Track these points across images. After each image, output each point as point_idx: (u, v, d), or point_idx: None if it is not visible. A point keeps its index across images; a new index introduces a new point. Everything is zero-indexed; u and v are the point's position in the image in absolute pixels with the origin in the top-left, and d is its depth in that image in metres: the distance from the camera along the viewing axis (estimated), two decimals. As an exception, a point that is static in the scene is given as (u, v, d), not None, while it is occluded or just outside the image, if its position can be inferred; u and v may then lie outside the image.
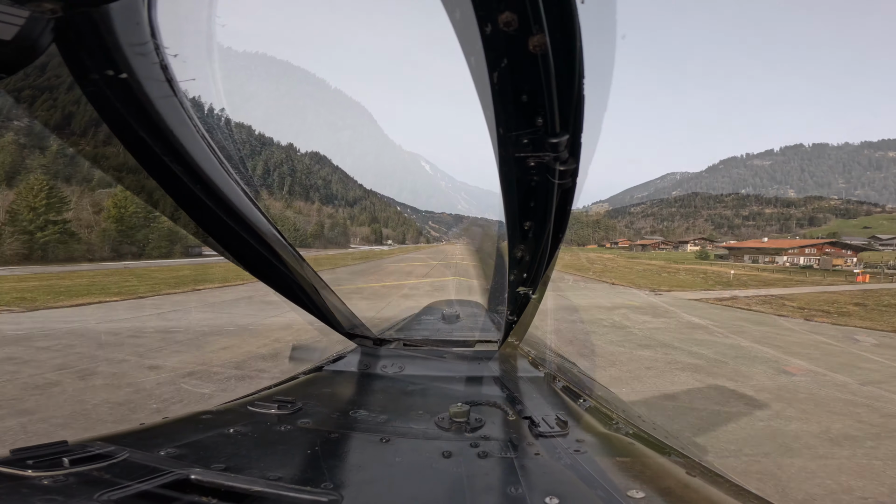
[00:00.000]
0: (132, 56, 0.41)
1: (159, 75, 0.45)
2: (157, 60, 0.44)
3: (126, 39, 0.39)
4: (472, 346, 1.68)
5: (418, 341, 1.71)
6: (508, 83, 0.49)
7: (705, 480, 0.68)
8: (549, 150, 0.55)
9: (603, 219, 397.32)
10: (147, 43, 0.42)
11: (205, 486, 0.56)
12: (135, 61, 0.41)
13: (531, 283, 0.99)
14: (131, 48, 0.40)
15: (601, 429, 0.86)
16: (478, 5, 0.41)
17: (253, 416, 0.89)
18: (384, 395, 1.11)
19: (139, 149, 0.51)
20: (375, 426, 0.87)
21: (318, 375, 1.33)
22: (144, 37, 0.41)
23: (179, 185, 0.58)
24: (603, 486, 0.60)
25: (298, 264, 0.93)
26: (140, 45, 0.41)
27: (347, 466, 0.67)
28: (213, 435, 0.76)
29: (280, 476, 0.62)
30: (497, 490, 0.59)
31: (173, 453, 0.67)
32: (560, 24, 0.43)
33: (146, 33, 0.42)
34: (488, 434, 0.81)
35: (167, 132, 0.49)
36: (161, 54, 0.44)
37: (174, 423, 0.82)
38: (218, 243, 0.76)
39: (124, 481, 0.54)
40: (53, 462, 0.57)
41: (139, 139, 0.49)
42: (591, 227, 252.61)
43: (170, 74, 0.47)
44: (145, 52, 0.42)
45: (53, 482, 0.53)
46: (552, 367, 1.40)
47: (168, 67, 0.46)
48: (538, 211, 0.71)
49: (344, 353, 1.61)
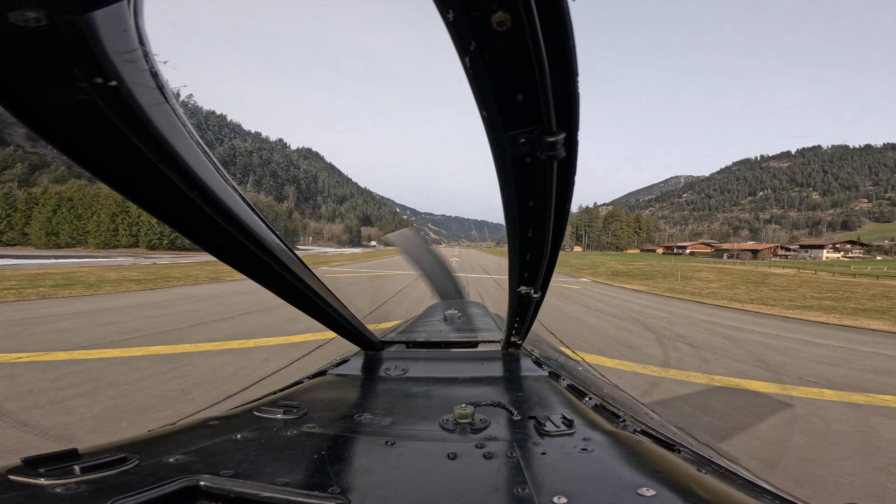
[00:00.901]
0: (120, 63, 0.41)
1: (150, 82, 0.46)
2: (147, 67, 0.45)
3: (113, 47, 0.40)
4: (476, 347, 1.68)
5: (421, 343, 1.72)
6: (504, 83, 0.49)
7: (717, 477, 0.67)
8: (547, 148, 0.55)
9: (649, 218, 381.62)
10: (136, 50, 0.42)
11: (214, 492, 0.57)
12: (124, 69, 0.41)
13: (533, 283, 0.99)
14: (119, 56, 0.41)
15: (608, 427, 0.85)
16: (471, 6, 0.40)
17: (259, 422, 0.89)
18: (388, 397, 1.11)
19: (134, 157, 0.51)
20: (380, 429, 0.87)
21: (322, 380, 1.34)
22: (132, 44, 0.42)
23: (177, 192, 0.58)
24: (612, 485, 0.59)
25: (300, 269, 0.93)
26: (128, 52, 0.42)
27: (354, 470, 0.67)
28: (220, 441, 0.77)
29: (288, 481, 0.62)
30: (504, 491, 0.58)
31: (182, 460, 0.67)
32: (553, 23, 0.43)
33: (134, 40, 0.42)
34: (494, 435, 0.81)
35: (161, 139, 0.49)
36: (150, 61, 0.45)
37: (182, 430, 0.83)
38: (217, 249, 0.76)
39: (135, 489, 0.54)
40: (65, 470, 0.58)
41: (133, 147, 0.49)
42: (631, 227, 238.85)
43: (160, 81, 0.47)
44: (134, 59, 0.43)
45: (66, 490, 0.54)
46: (556, 366, 1.39)
47: (158, 74, 0.46)
48: (537, 210, 0.71)
49: (347, 356, 1.62)
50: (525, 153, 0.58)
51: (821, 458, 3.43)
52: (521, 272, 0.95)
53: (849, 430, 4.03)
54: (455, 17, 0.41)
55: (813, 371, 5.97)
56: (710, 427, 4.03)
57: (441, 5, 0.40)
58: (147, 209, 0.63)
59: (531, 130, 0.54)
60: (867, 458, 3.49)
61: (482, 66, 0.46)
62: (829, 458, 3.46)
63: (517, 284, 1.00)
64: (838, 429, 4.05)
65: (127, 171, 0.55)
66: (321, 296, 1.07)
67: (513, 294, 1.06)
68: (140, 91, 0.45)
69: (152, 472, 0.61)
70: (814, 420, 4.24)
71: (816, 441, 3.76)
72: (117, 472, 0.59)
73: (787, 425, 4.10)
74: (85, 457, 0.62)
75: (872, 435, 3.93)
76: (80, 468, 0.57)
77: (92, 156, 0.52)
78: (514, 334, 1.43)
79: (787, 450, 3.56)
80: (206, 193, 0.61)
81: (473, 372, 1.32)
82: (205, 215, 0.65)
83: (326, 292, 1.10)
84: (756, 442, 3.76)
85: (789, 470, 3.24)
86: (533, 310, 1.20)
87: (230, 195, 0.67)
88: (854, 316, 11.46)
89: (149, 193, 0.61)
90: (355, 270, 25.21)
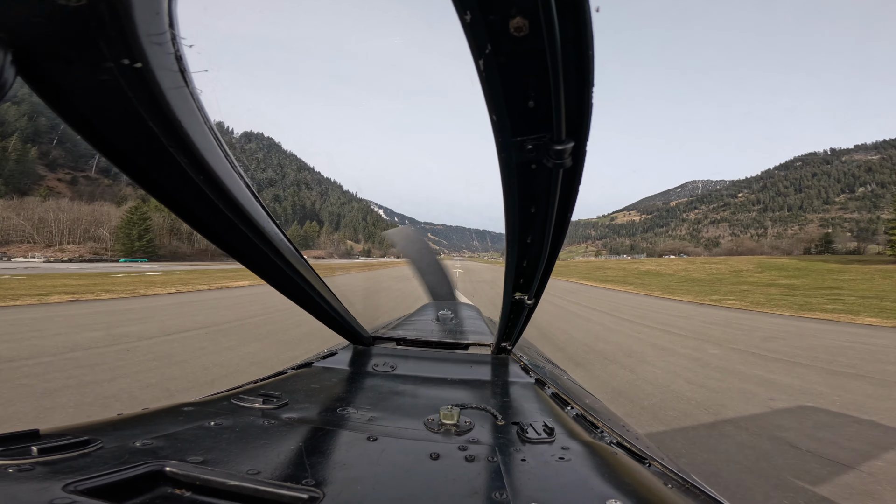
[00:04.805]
0: (148, 45, 0.41)
1: (173, 65, 0.46)
2: (173, 51, 0.45)
3: (145, 28, 0.40)
4: (466, 349, 1.69)
5: (411, 341, 1.72)
6: (517, 88, 0.49)
7: (680, 491, 0.69)
8: (554, 157, 0.55)
9: (700, 225, 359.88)
10: (164, 32, 0.43)
11: (179, 478, 0.55)
12: (151, 51, 0.42)
13: (527, 289, 1.00)
14: (148, 38, 0.41)
15: (586, 437, 0.86)
16: (489, 9, 0.41)
17: (236, 410, 0.88)
18: (373, 393, 1.11)
19: (146, 139, 0.51)
20: (362, 424, 0.86)
21: (306, 371, 1.33)
22: (162, 26, 0.42)
23: (183, 176, 0.58)
24: (583, 495, 0.61)
25: (296, 260, 0.93)
26: (158, 34, 0.42)
27: (331, 463, 0.66)
28: (192, 427, 0.75)
29: (260, 470, 0.61)
30: (482, 494, 0.59)
31: (150, 445, 0.65)
32: (573, 32, 0.43)
33: (164, 23, 0.42)
34: (477, 438, 0.81)
35: (176, 123, 0.49)
36: (177, 44, 0.45)
37: (153, 415, 0.81)
38: (212, 233, 0.76)
39: (95, 472, 0.52)
40: (22, 451, 0.55)
41: (147, 129, 0.49)
42: (680, 232, 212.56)
43: (183, 65, 0.47)
44: (162, 42, 0.43)
45: (19, 470, 0.51)
46: (543, 374, 1.40)
47: (182, 58, 0.47)
48: (538, 217, 0.72)
49: (335, 349, 1.61)
50: (531, 160, 0.58)
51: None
52: (517, 278, 0.96)
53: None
54: (472, 18, 0.41)
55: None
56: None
57: (459, 6, 0.40)
58: (150, 191, 0.63)
59: (540, 137, 0.54)
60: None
61: (496, 69, 0.46)
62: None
63: (512, 290, 1.01)
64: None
65: (138, 152, 0.55)
66: (313, 286, 1.07)
67: (507, 299, 1.07)
68: (162, 74, 0.45)
69: (115, 455, 0.59)
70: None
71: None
72: (77, 455, 0.57)
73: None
74: (45, 438, 0.60)
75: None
76: (37, 449, 0.56)
77: (106, 136, 0.52)
78: (504, 339, 1.44)
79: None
80: (212, 179, 0.61)
81: (462, 374, 1.33)
82: (208, 201, 0.65)
83: (319, 283, 1.10)
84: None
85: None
86: (525, 316, 1.21)
87: (236, 183, 0.67)
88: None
89: (156, 176, 0.60)
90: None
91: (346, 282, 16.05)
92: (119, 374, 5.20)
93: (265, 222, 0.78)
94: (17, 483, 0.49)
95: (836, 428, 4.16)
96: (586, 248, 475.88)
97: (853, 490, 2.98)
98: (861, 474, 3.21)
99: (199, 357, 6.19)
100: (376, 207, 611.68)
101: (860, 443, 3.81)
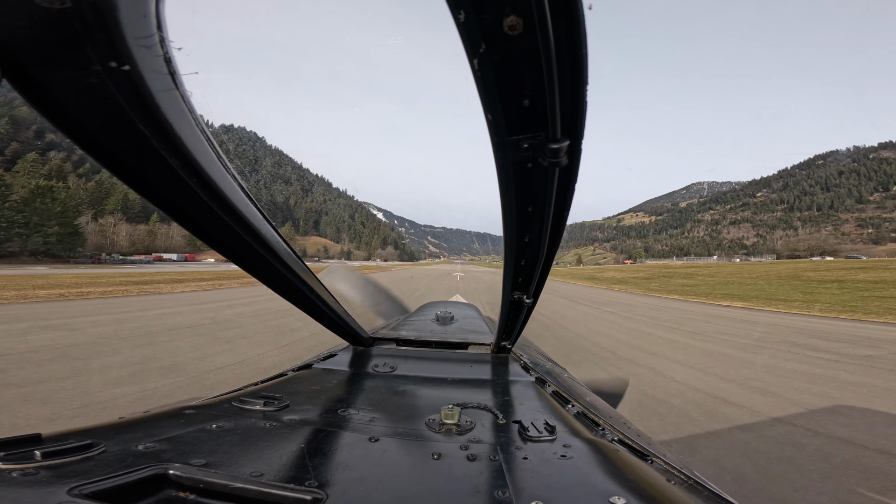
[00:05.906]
0: (136, 48, 0.40)
1: (162, 68, 0.45)
2: (161, 53, 0.45)
3: (132, 31, 0.39)
4: (466, 349, 1.68)
5: (411, 341, 1.71)
6: (512, 87, 0.49)
7: (684, 488, 0.69)
8: (550, 155, 0.55)
9: (719, 226, 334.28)
10: (152, 35, 0.42)
11: (183, 481, 0.55)
12: (139, 54, 0.41)
13: (526, 289, 1.00)
14: (136, 40, 0.40)
15: (588, 434, 0.86)
16: (483, 8, 0.40)
17: (238, 412, 0.88)
18: (374, 394, 1.10)
19: (137, 142, 0.50)
20: (364, 425, 0.86)
21: (307, 373, 1.33)
22: (150, 29, 0.42)
23: (176, 179, 0.57)
24: (586, 492, 0.60)
25: (293, 262, 0.93)
26: (145, 37, 0.41)
27: (333, 465, 0.66)
28: (194, 430, 0.75)
29: (262, 472, 0.61)
30: (484, 493, 0.59)
31: (152, 448, 0.65)
32: (566, 30, 0.43)
33: (152, 25, 0.42)
34: (478, 437, 0.81)
35: (166, 125, 0.49)
36: (166, 46, 0.45)
37: (155, 418, 0.81)
38: (210, 237, 0.75)
39: (98, 475, 0.52)
40: (25, 455, 0.55)
41: (137, 132, 0.48)
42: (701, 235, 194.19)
43: (173, 67, 0.47)
44: (150, 45, 0.42)
45: (23, 475, 0.51)
46: (543, 372, 1.40)
47: (172, 60, 0.46)
48: (535, 216, 0.72)
49: (335, 350, 1.61)
50: (527, 159, 0.58)
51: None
52: (516, 277, 0.96)
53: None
54: (466, 18, 0.41)
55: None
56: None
57: (453, 6, 0.40)
58: (143, 194, 0.63)
59: (535, 136, 0.54)
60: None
61: (490, 68, 0.46)
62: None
63: (511, 289, 1.01)
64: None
65: (128, 155, 0.55)
66: (312, 288, 1.07)
67: (506, 298, 1.07)
68: (151, 76, 0.45)
69: (119, 459, 0.59)
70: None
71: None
72: (80, 459, 0.57)
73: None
74: (48, 442, 0.60)
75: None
76: (40, 453, 0.56)
77: (95, 139, 0.51)
78: (504, 338, 1.44)
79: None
80: (204, 181, 0.61)
81: (462, 373, 1.32)
82: (202, 203, 0.64)
83: (317, 285, 1.10)
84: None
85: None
86: (524, 315, 1.21)
87: (230, 185, 0.66)
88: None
89: (147, 178, 0.60)
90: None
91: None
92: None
93: (261, 225, 0.77)
94: (22, 487, 0.49)
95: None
96: (594, 251, 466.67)
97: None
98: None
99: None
100: (375, 210, 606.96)
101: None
